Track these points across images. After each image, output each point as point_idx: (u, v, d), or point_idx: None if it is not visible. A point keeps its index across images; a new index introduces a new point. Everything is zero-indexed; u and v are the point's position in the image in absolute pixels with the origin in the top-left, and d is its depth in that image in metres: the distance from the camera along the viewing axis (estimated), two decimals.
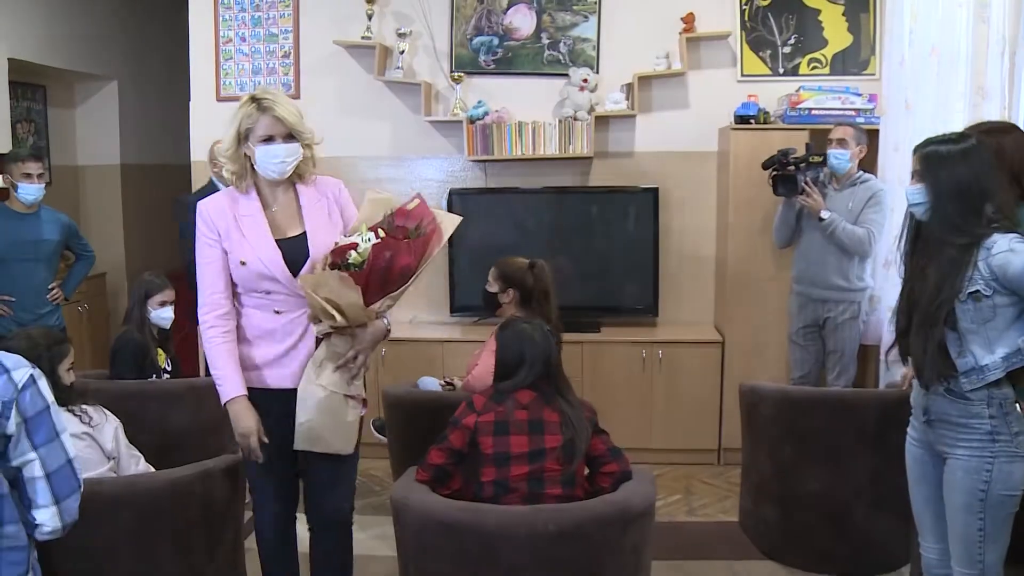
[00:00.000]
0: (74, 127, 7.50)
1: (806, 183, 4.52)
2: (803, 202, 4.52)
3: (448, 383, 4.09)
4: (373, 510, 4.41)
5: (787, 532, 3.92)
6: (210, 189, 3.94)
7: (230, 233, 2.74)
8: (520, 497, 2.76)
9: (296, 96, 5.61)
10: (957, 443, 2.56)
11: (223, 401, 2.76)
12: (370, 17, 5.46)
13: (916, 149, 2.66)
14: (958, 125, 3.61)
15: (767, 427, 3.93)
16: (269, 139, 2.71)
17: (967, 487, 2.53)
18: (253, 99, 2.71)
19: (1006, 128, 2.86)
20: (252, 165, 2.77)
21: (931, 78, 4.08)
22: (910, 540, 3.15)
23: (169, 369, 4.35)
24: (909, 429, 2.79)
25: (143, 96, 7.70)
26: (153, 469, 3.33)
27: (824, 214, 4.46)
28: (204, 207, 2.78)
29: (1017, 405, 2.52)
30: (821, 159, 4.53)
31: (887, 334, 4.24)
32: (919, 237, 2.67)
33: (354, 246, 2.69)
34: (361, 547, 3.97)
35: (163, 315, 4.24)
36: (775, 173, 4.60)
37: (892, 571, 3.74)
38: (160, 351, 4.29)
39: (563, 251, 5.25)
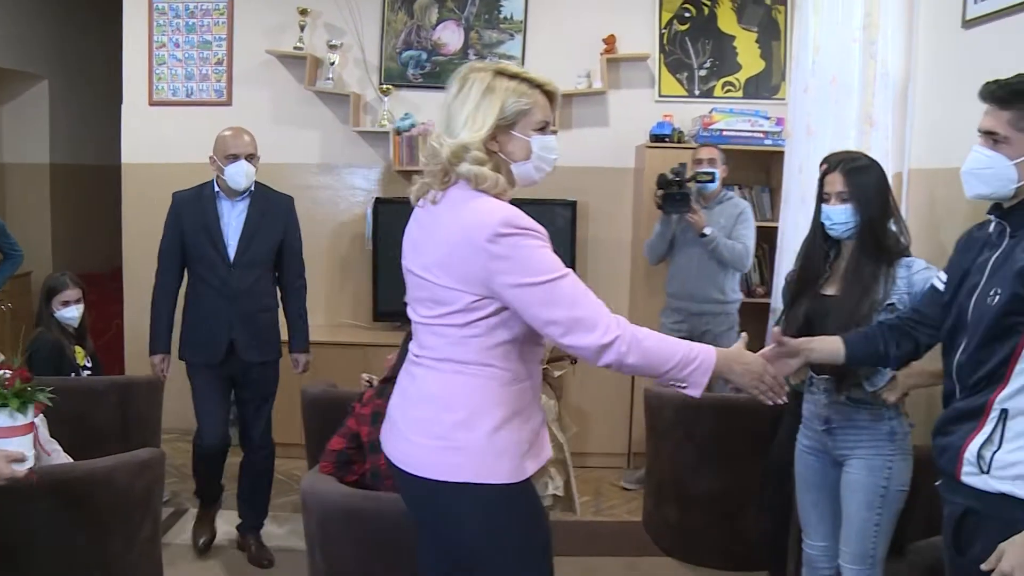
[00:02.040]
0: (0, 125, 7.42)
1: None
2: (690, 219, 4.68)
3: (367, 382, 4.22)
4: (293, 508, 4.51)
5: (685, 530, 4.13)
6: (205, 188, 3.92)
7: None
8: (390, 485, 2.82)
9: (228, 103, 5.72)
10: (859, 445, 2.75)
11: None
12: (303, 28, 5.58)
13: (831, 169, 2.80)
14: (852, 149, 3.88)
15: (668, 431, 4.13)
16: None
17: (870, 485, 2.72)
18: None
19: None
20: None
21: (830, 106, 4.30)
22: (792, 537, 3.37)
23: (90, 366, 4.40)
24: (801, 438, 2.97)
25: (76, 97, 7.66)
26: (71, 460, 3.36)
27: (707, 230, 4.66)
28: None
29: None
30: (710, 177, 4.75)
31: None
32: (824, 255, 2.86)
33: None
34: (279, 543, 4.14)
35: (66, 314, 4.28)
36: (666, 192, 4.72)
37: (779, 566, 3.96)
38: (79, 348, 4.35)
39: None
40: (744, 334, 2.38)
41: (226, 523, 4.03)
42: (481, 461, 2.07)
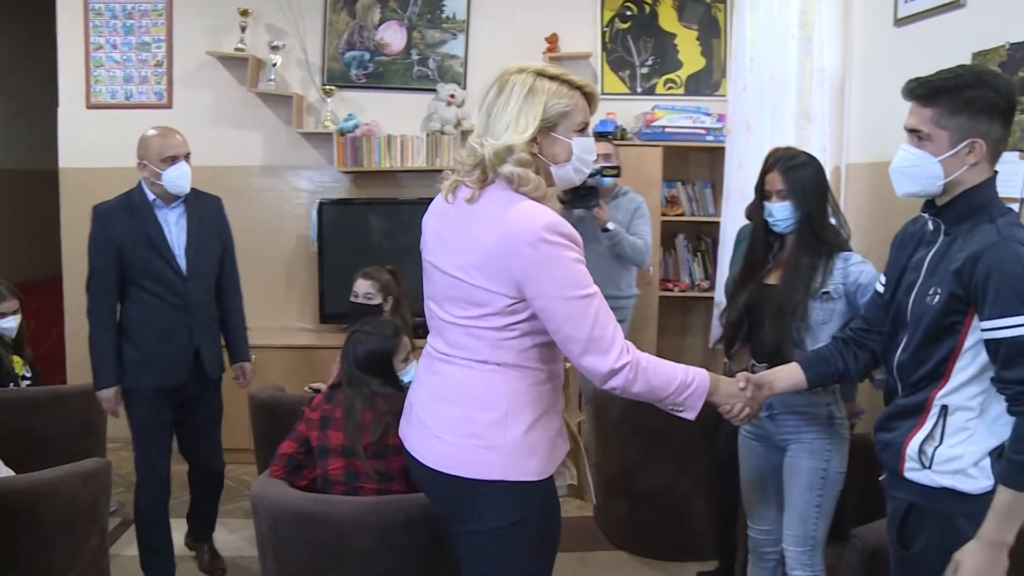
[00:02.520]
0: None
1: None
2: (595, 213, 4.52)
3: (314, 390, 4.20)
4: (243, 513, 4.49)
5: (634, 524, 4.18)
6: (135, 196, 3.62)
7: None
8: (340, 491, 2.90)
9: (168, 106, 5.65)
10: (801, 429, 2.83)
11: None
12: (243, 29, 5.53)
13: (771, 168, 2.87)
14: (790, 145, 3.95)
15: (616, 427, 4.17)
16: None
17: (812, 468, 2.80)
18: None
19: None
20: None
21: (768, 102, 4.38)
22: (740, 526, 3.43)
23: (30, 376, 4.33)
24: (744, 425, 3.00)
25: (9, 99, 7.51)
26: (13, 473, 3.33)
27: (610, 225, 4.52)
28: None
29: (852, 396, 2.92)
30: (615, 171, 4.59)
31: (715, 331, 4.52)
32: (767, 247, 2.94)
33: None
34: (230, 549, 4.10)
35: (3, 326, 4.20)
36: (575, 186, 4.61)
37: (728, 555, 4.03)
38: (17, 358, 4.28)
39: None
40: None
41: (176, 531, 3.98)
42: (514, 460, 2.09)
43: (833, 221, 2.89)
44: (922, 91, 2.11)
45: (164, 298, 3.58)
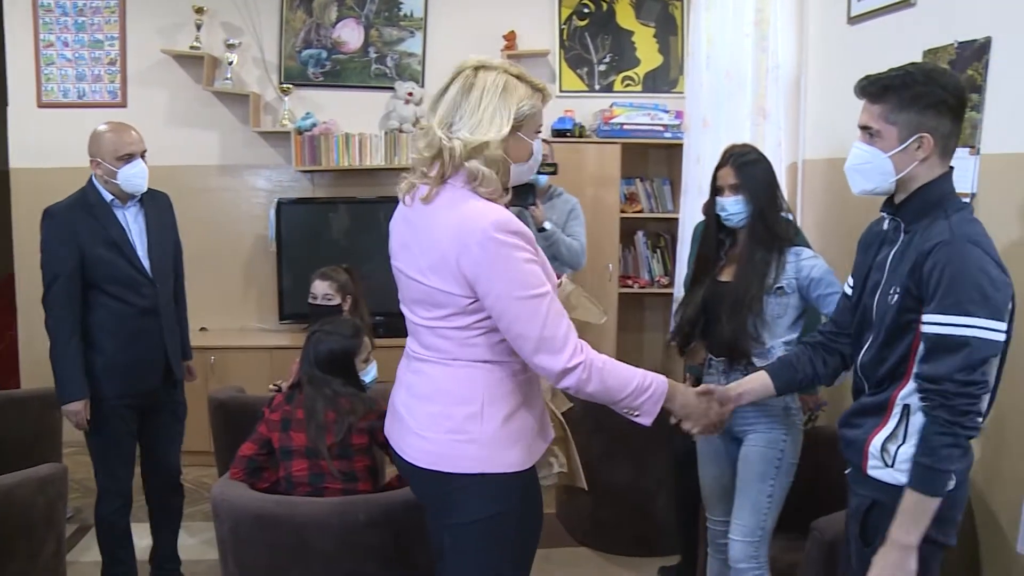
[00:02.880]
0: None
1: None
2: (533, 212, 4.36)
3: (276, 388, 4.18)
4: (204, 516, 4.45)
5: (598, 520, 4.20)
6: (90, 195, 3.47)
7: None
8: (305, 492, 2.89)
9: (123, 105, 5.59)
10: (758, 420, 2.87)
11: None
12: (199, 27, 5.48)
13: (724, 163, 2.92)
14: (746, 141, 3.99)
15: (578, 423, 4.16)
16: None
17: (766, 457, 2.85)
18: None
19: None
20: None
21: (725, 99, 4.42)
22: (701, 521, 3.45)
23: None
24: None
25: None
26: None
27: (547, 225, 4.43)
28: None
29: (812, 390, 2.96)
30: (552, 169, 4.49)
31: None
32: (719, 243, 2.97)
33: None
34: (190, 552, 4.06)
35: None
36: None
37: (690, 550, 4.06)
38: None
39: (387, 258, 5.35)
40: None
41: (138, 537, 3.91)
42: (494, 452, 2.10)
43: (788, 216, 2.94)
44: (872, 88, 2.14)
45: (131, 302, 3.45)
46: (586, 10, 5.75)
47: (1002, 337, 1.98)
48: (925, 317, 2.02)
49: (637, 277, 5.74)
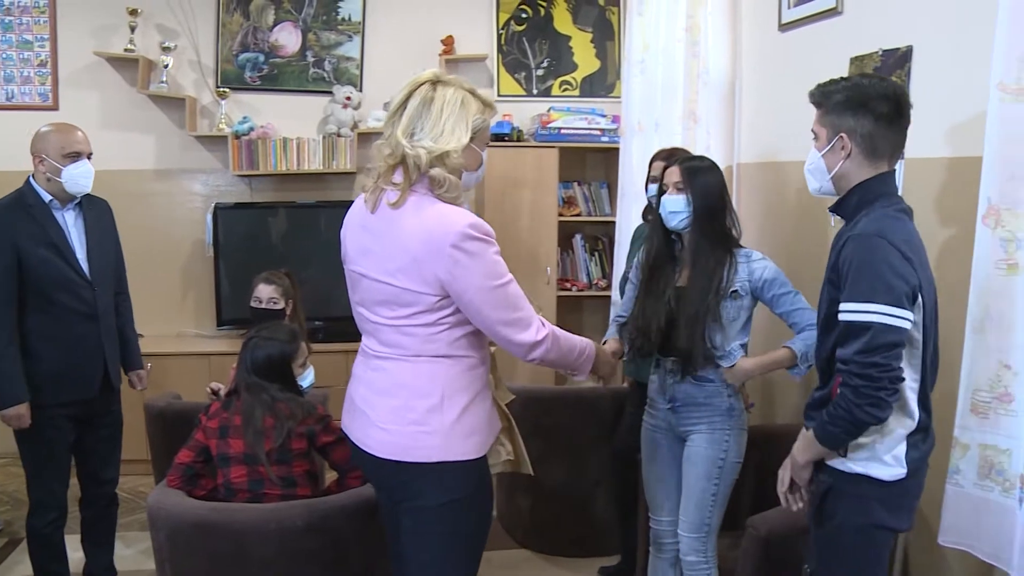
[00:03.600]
0: None
1: None
2: None
3: (214, 392, 4.14)
4: (140, 526, 4.38)
5: (537, 521, 4.23)
6: (28, 196, 3.39)
7: None
8: (244, 498, 2.88)
9: (55, 108, 5.49)
10: (701, 421, 2.93)
11: None
12: (133, 29, 5.41)
13: (671, 163, 3.00)
14: (678, 145, 4.07)
15: (516, 424, 4.21)
16: None
17: (710, 457, 2.91)
18: None
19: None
20: None
21: (658, 103, 4.49)
22: (640, 519, 3.50)
23: None
24: (646, 418, 3.13)
25: None
26: None
27: None
28: None
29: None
30: None
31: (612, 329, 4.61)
32: (666, 249, 3.01)
33: None
34: (127, 563, 4.01)
35: None
36: None
37: (630, 549, 4.10)
38: None
39: (328, 263, 5.26)
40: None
41: (71, 550, 3.84)
42: (453, 442, 2.27)
43: (727, 221, 2.99)
44: (813, 96, 2.34)
45: (70, 306, 3.39)
46: (524, 15, 5.80)
47: (906, 324, 2.11)
48: (839, 306, 2.17)
49: (575, 280, 5.78)
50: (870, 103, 2.20)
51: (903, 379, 2.15)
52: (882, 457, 2.22)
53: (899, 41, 3.14)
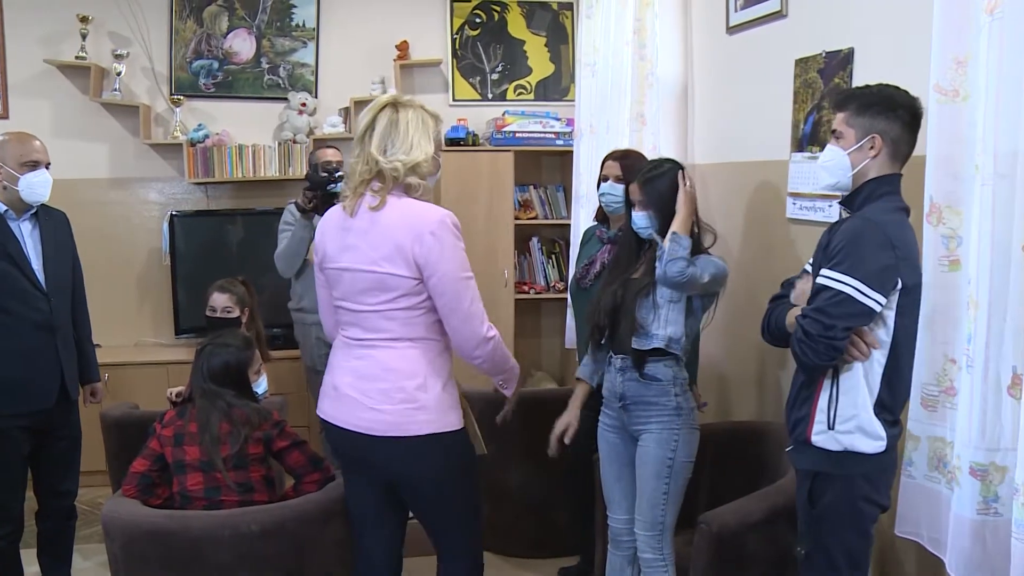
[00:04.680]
0: None
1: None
2: None
3: (175, 396, 4.09)
4: (99, 538, 4.31)
5: (496, 524, 4.21)
6: None
7: None
8: (202, 506, 2.89)
9: (5, 116, 5.42)
10: (650, 420, 2.98)
11: None
12: (84, 37, 5.35)
13: (632, 180, 3.13)
14: (625, 146, 4.12)
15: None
16: None
17: (659, 456, 2.96)
18: None
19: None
20: None
21: (609, 106, 4.54)
22: (598, 519, 3.54)
23: None
24: (602, 417, 3.19)
25: None
26: None
27: None
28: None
29: (691, 387, 3.09)
30: None
31: (570, 331, 4.67)
32: (636, 247, 3.12)
33: None
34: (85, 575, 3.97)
35: None
36: (324, 192, 4.22)
37: (589, 549, 4.14)
38: None
39: None
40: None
41: (27, 564, 3.79)
42: (440, 415, 2.60)
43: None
44: (838, 99, 2.52)
45: (26, 317, 3.36)
46: (478, 20, 5.83)
47: (873, 305, 2.29)
48: (820, 271, 2.37)
49: (533, 283, 5.81)
50: (899, 109, 2.38)
51: (840, 352, 2.33)
52: (865, 427, 2.37)
53: (841, 43, 3.21)
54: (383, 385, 2.59)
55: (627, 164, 3.48)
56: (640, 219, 3.06)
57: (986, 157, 2.18)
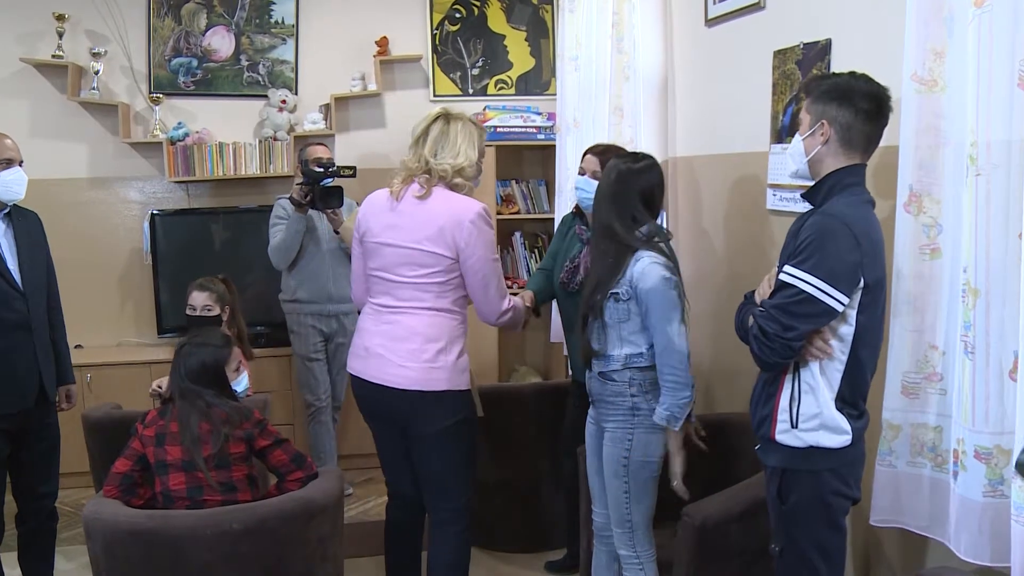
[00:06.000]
0: None
1: None
2: (334, 215, 4.47)
3: (158, 388, 4.05)
4: (81, 540, 4.27)
5: (483, 518, 4.21)
6: None
7: None
8: (184, 506, 2.88)
9: None
10: (608, 418, 3.00)
11: None
12: (61, 35, 5.32)
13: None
14: (606, 140, 4.12)
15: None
16: None
17: (614, 455, 2.98)
18: None
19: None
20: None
21: (590, 99, 4.55)
22: (583, 513, 3.55)
23: None
24: (589, 411, 3.20)
25: None
26: None
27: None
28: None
29: (688, 421, 2.99)
30: (352, 172, 4.41)
31: (556, 325, 4.68)
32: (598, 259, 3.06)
33: None
34: None
35: None
36: (316, 186, 4.39)
37: (575, 542, 4.14)
38: None
39: (270, 268, 5.04)
40: None
41: (8, 567, 3.78)
42: (454, 375, 3.03)
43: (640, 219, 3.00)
44: (804, 85, 2.59)
45: (3, 316, 3.34)
46: (458, 15, 5.82)
47: (835, 305, 2.26)
48: (783, 267, 2.35)
49: (516, 277, 5.81)
50: (854, 97, 2.34)
51: (797, 352, 2.33)
52: (828, 424, 2.35)
53: (819, 34, 3.21)
54: (411, 346, 2.99)
55: (606, 160, 3.47)
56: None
57: (979, 147, 2.18)
